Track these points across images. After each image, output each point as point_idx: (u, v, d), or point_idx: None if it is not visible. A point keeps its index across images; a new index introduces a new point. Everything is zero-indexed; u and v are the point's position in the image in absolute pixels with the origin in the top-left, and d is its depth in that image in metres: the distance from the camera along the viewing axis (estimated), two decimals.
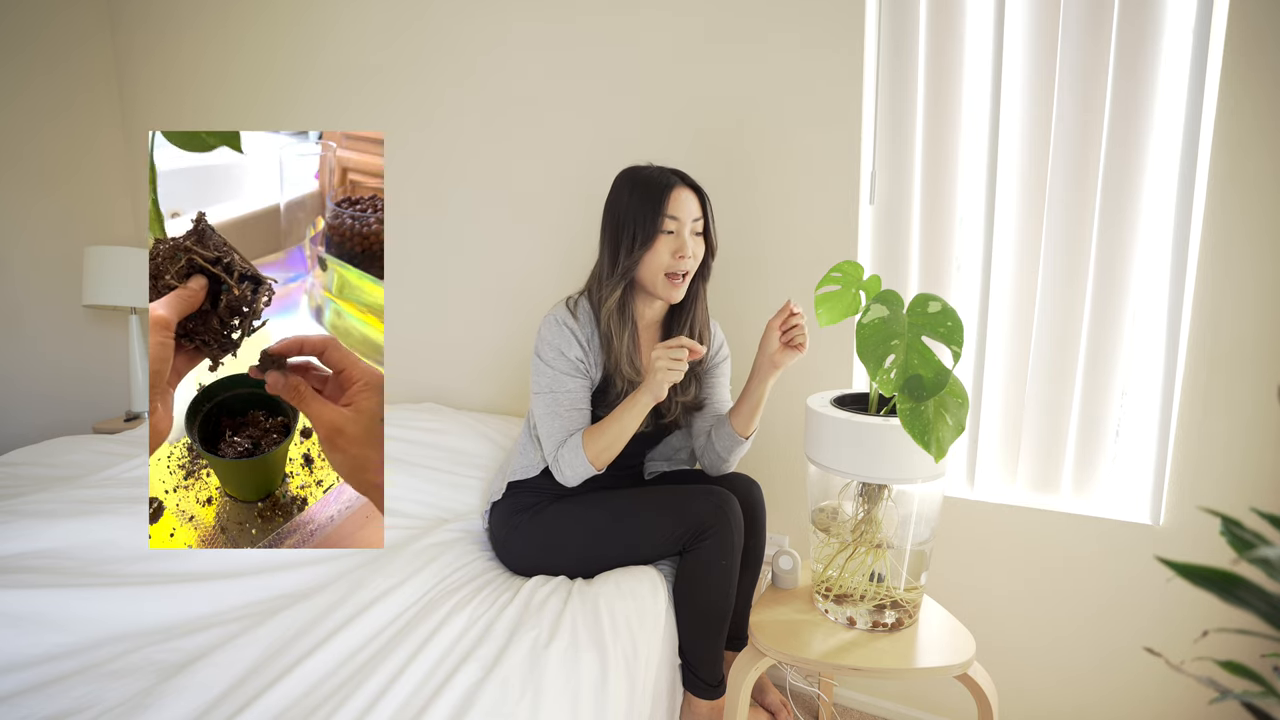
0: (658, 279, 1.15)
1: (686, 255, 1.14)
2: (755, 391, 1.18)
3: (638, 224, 1.14)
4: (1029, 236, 1.24)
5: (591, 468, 1.15)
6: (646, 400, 1.10)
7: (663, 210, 1.13)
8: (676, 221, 1.14)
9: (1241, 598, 0.35)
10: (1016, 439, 1.30)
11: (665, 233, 1.14)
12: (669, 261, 1.14)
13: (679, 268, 1.15)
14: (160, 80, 2.22)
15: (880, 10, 1.30)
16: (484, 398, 1.85)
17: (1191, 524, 1.15)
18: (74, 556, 1.05)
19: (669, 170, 1.17)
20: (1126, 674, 1.23)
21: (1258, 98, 1.04)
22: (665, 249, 1.14)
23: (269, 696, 0.80)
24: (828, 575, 1.05)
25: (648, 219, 1.13)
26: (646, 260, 1.15)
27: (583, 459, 1.14)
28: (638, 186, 1.15)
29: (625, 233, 1.15)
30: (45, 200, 2.12)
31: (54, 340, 2.17)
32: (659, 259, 1.14)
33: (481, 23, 1.69)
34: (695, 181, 1.17)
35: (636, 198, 1.14)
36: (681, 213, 1.14)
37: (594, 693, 0.87)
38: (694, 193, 1.16)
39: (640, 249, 1.14)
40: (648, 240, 1.13)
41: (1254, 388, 1.09)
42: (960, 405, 0.88)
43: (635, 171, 1.18)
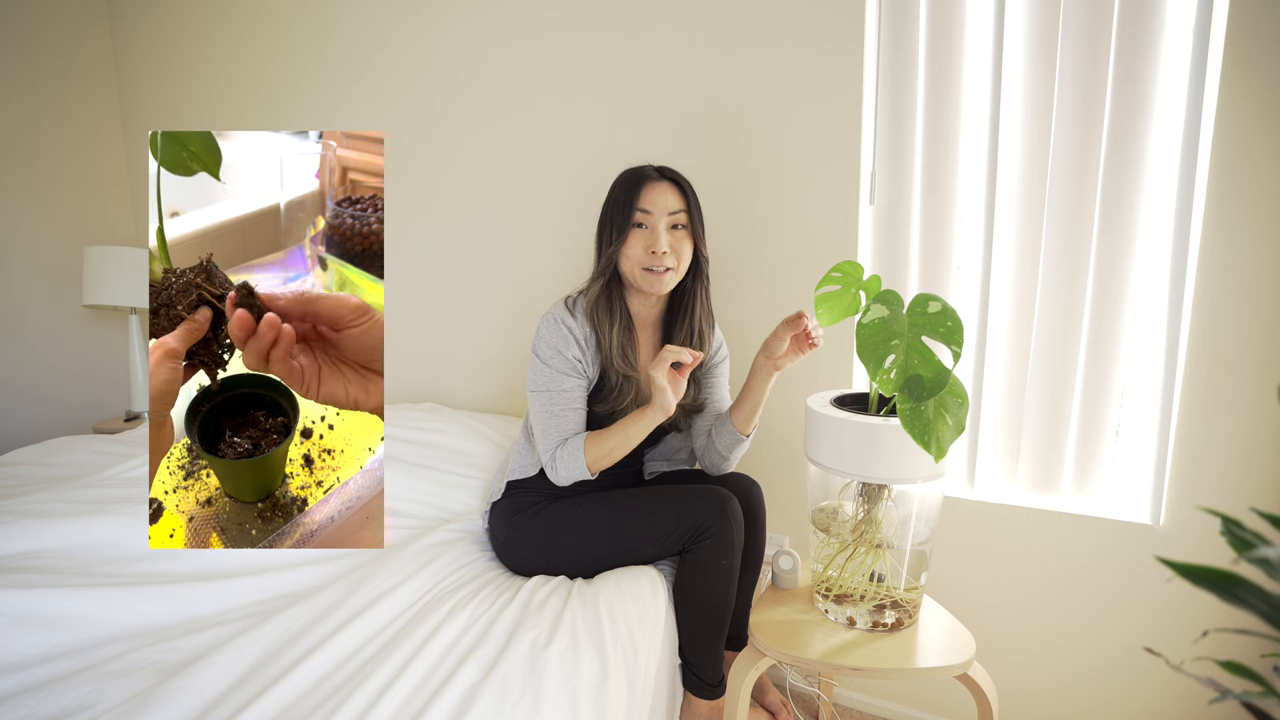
0: (635, 272, 1.16)
1: (659, 249, 1.13)
2: (755, 390, 1.18)
3: (614, 218, 1.16)
4: (1029, 236, 1.24)
5: (587, 473, 1.15)
6: (656, 417, 1.11)
7: (634, 204, 1.14)
8: (649, 215, 1.14)
9: (1241, 598, 0.35)
10: (1016, 439, 1.30)
11: (636, 225, 1.14)
12: (643, 256, 1.14)
13: (653, 262, 1.14)
14: (159, 75, 2.22)
15: (880, 10, 1.30)
16: (484, 398, 1.85)
17: (1191, 524, 1.15)
18: (74, 556, 1.04)
19: (652, 166, 1.18)
20: (1126, 674, 1.23)
21: (1258, 97, 1.04)
22: (638, 242, 1.14)
23: (269, 697, 0.80)
24: (828, 575, 1.05)
25: (619, 212, 1.15)
26: (623, 254, 1.15)
27: (580, 463, 1.14)
28: (618, 182, 1.18)
29: (605, 227, 1.18)
30: (45, 199, 2.12)
31: (54, 340, 2.16)
32: (634, 252, 1.15)
33: (482, 22, 1.69)
34: (677, 175, 1.17)
35: (615, 193, 1.17)
36: (654, 205, 1.14)
37: (594, 693, 0.87)
38: (673, 185, 1.16)
39: (617, 242, 1.15)
40: (620, 233, 1.14)
41: (1254, 388, 1.09)
42: (960, 405, 0.88)
43: (626, 170, 1.19)
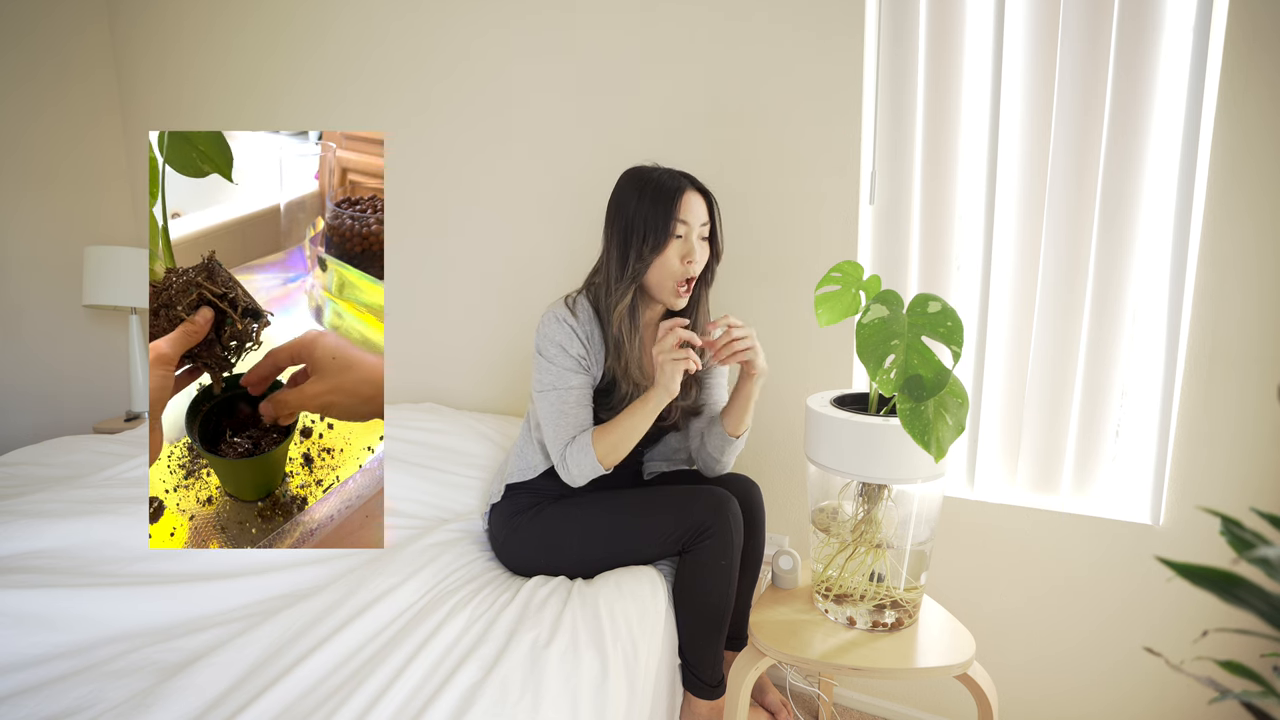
0: (665, 284, 1.15)
1: (694, 260, 1.13)
2: (743, 391, 1.19)
3: (649, 227, 1.12)
4: (1029, 236, 1.24)
5: (600, 467, 1.14)
6: (661, 398, 1.10)
7: (674, 214, 1.12)
8: (686, 226, 1.13)
9: (1241, 598, 0.35)
10: (1016, 439, 1.30)
11: (676, 237, 1.13)
12: (678, 267, 1.13)
13: (687, 273, 1.14)
14: (158, 71, 2.22)
15: (880, 10, 1.30)
16: (484, 398, 1.85)
17: (1191, 524, 1.15)
18: (74, 556, 1.04)
19: (679, 174, 1.15)
20: (1126, 675, 1.23)
21: (1258, 97, 1.04)
22: (674, 253, 1.13)
23: (269, 697, 0.80)
24: (828, 575, 1.05)
25: (660, 223, 1.12)
26: (656, 264, 1.14)
27: (591, 457, 1.14)
28: (648, 189, 1.13)
29: (635, 235, 1.13)
30: (44, 196, 2.12)
31: (54, 340, 2.16)
32: (669, 263, 1.13)
33: (481, 19, 1.69)
34: (704, 185, 1.17)
35: (647, 201, 1.13)
36: (691, 217, 1.13)
37: (594, 693, 0.87)
38: (702, 196, 1.16)
39: (652, 253, 1.13)
40: (659, 245, 1.12)
41: (1254, 388, 1.09)
42: (960, 405, 0.88)
43: (643, 173, 1.16)
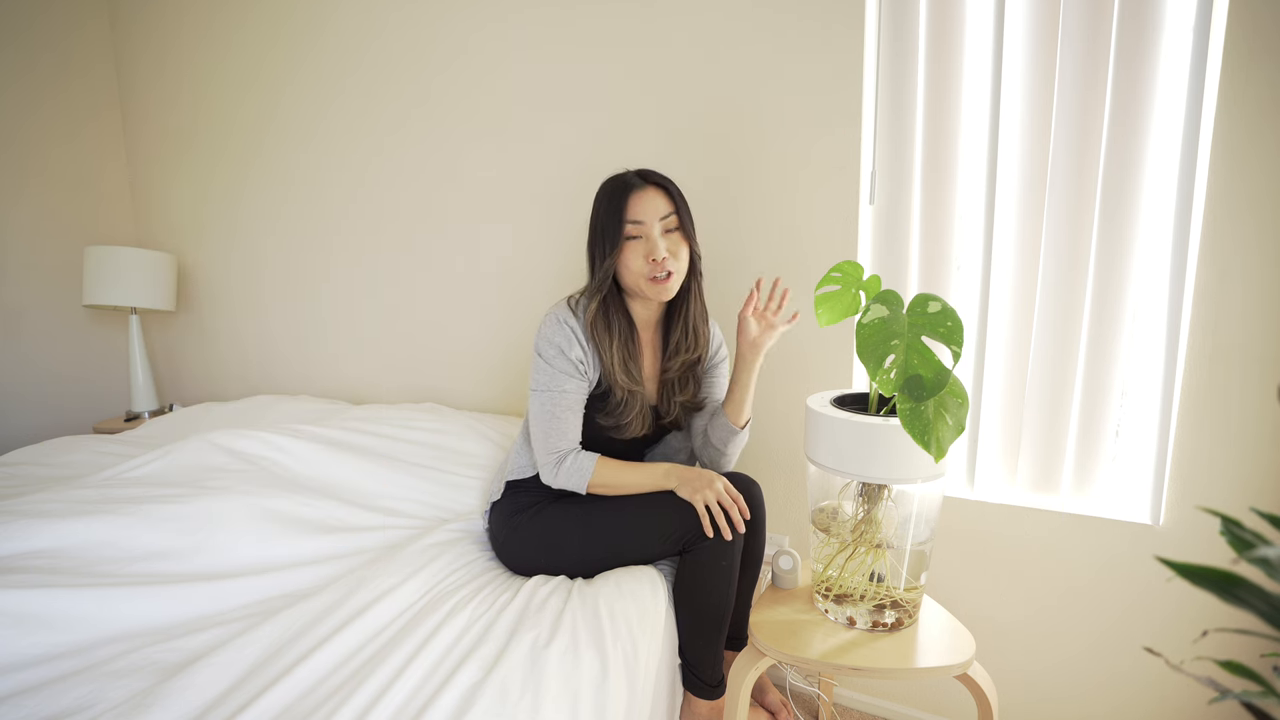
0: (639, 282, 1.14)
1: (658, 256, 1.11)
2: (742, 378, 1.19)
3: (604, 232, 1.13)
4: (1029, 236, 1.24)
5: (582, 488, 1.18)
6: (672, 484, 1.13)
7: (623, 216, 1.12)
8: (641, 225, 1.12)
9: (1241, 598, 0.35)
10: (1016, 439, 1.30)
11: (630, 238, 1.12)
12: (644, 266, 1.13)
13: (654, 270, 1.12)
14: (158, 65, 2.22)
15: (880, 10, 1.30)
16: (484, 398, 1.85)
17: (1191, 524, 1.15)
18: (74, 556, 1.04)
19: (633, 172, 1.15)
20: (1126, 675, 1.23)
21: (1259, 97, 1.04)
22: (636, 253, 1.12)
23: (269, 696, 0.80)
24: (828, 575, 1.05)
25: (612, 225, 1.12)
26: (621, 266, 1.14)
27: (584, 480, 1.17)
28: (604, 194, 1.15)
29: (597, 240, 1.15)
30: (42, 192, 2.11)
31: (54, 340, 2.17)
32: (633, 264, 1.13)
33: (479, 13, 1.69)
34: (661, 178, 1.15)
35: (604, 205, 1.14)
36: (645, 214, 1.12)
37: (594, 693, 0.87)
38: (659, 189, 1.14)
39: (612, 256, 1.13)
40: (614, 247, 1.12)
41: (1253, 388, 1.09)
42: (960, 405, 0.88)
43: (609, 179, 1.17)
